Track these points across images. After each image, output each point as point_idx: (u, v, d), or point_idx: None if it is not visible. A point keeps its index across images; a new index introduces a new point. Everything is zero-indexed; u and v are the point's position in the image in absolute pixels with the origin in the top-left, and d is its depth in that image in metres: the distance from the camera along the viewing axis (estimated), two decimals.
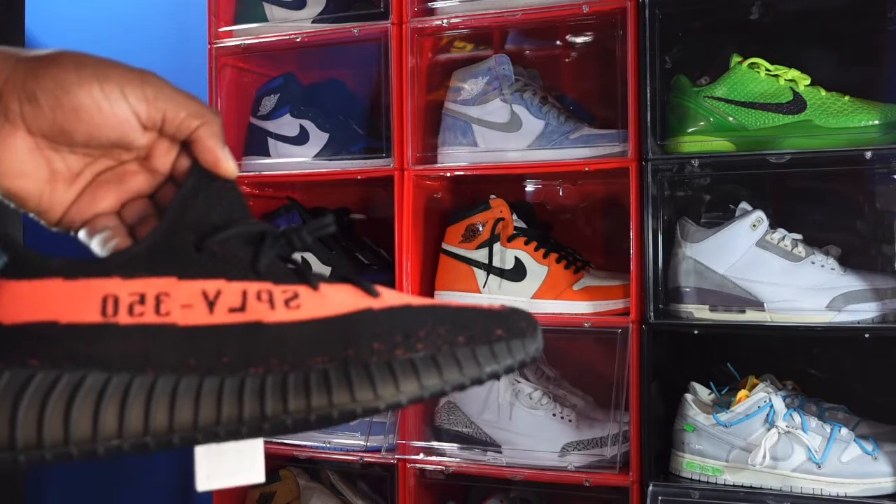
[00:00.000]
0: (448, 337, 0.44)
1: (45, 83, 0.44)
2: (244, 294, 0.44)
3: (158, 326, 0.42)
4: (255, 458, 0.46)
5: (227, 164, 0.48)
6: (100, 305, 0.42)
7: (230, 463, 0.45)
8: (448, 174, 1.51)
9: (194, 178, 0.47)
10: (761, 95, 1.31)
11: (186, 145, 0.48)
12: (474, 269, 1.48)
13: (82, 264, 0.43)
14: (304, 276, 0.46)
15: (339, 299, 0.45)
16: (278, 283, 0.45)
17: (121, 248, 0.46)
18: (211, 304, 0.43)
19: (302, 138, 1.62)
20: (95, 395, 0.40)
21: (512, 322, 0.45)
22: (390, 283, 1.49)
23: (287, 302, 0.44)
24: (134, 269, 0.43)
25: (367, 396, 0.42)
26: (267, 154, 1.63)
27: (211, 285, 0.44)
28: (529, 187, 1.69)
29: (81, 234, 0.49)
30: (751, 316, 1.30)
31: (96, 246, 0.48)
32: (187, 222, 0.45)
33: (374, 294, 0.46)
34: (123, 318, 0.42)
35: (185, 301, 0.43)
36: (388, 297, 0.46)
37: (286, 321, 0.43)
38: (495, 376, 0.44)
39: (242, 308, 0.43)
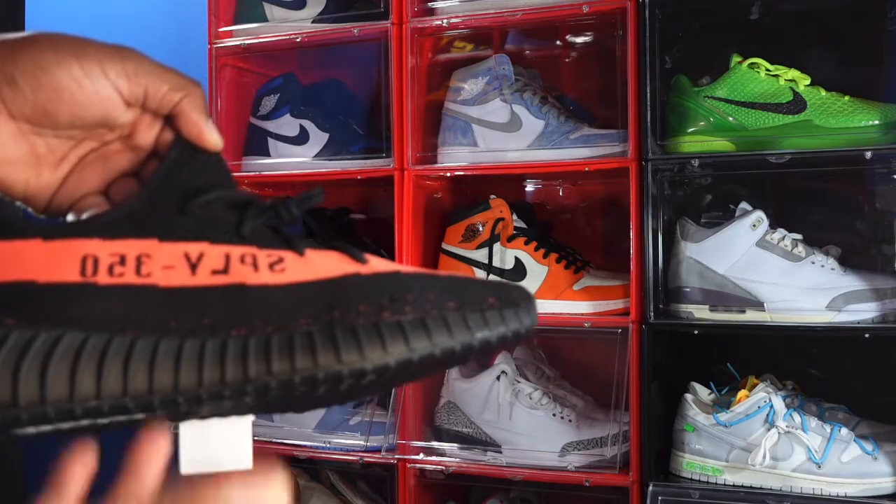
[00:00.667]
0: (438, 302, 0.42)
1: (23, 65, 0.43)
2: (227, 257, 0.43)
3: (139, 287, 0.41)
4: (243, 444, 0.45)
5: (212, 136, 0.47)
6: (79, 265, 0.41)
7: (216, 448, 0.44)
8: (448, 174, 1.51)
9: (178, 150, 0.46)
10: (761, 95, 1.31)
11: (170, 119, 0.47)
12: (474, 269, 1.48)
13: (62, 226, 0.43)
14: (289, 241, 0.45)
15: (325, 264, 0.44)
16: (263, 248, 0.44)
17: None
18: (193, 266, 0.42)
19: (302, 138, 1.62)
20: (72, 355, 0.40)
21: (505, 292, 0.44)
22: None
23: (272, 266, 0.43)
24: (115, 230, 0.42)
25: (352, 358, 0.41)
26: (267, 154, 1.63)
27: (193, 247, 0.43)
28: (529, 187, 1.69)
29: (69, 218, 0.48)
30: (751, 316, 1.30)
31: None
32: (171, 187, 0.44)
33: (362, 260, 0.45)
34: (103, 279, 0.41)
35: (166, 262, 0.42)
36: (376, 264, 0.45)
37: (270, 283, 0.43)
38: (487, 344, 0.43)
39: (225, 270, 0.42)
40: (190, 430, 0.43)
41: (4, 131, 0.44)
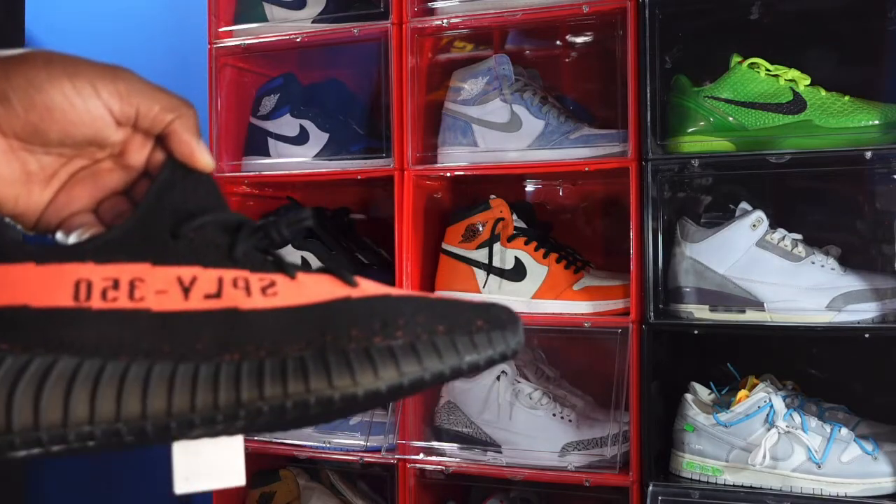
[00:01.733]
0: (427, 326, 0.43)
1: (16, 82, 0.43)
2: (220, 281, 0.43)
3: (132, 312, 0.42)
4: (235, 460, 0.45)
5: (203, 157, 0.47)
6: (72, 290, 0.41)
7: (209, 464, 0.44)
8: (448, 174, 1.51)
9: (169, 170, 0.46)
10: (761, 95, 1.31)
11: (161, 139, 0.47)
12: (474, 269, 1.48)
13: (55, 249, 0.43)
14: (281, 265, 0.45)
15: (316, 288, 0.45)
16: (255, 272, 0.44)
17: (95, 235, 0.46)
18: (186, 290, 0.43)
19: (302, 138, 1.62)
20: (66, 380, 0.40)
21: (492, 314, 0.45)
22: (390, 283, 1.48)
23: (264, 290, 0.44)
24: (108, 254, 0.43)
25: (344, 382, 0.41)
26: (267, 154, 1.63)
27: (186, 272, 0.43)
28: (529, 187, 1.69)
29: (59, 236, 0.48)
30: (751, 316, 1.30)
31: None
32: (163, 209, 0.45)
33: (353, 284, 0.46)
34: (96, 303, 0.41)
35: (159, 287, 0.42)
36: (367, 287, 0.46)
37: (262, 308, 0.43)
38: (475, 367, 0.43)
39: (218, 294, 0.43)
40: (182, 449, 0.44)
41: None
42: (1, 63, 0.43)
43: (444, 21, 1.46)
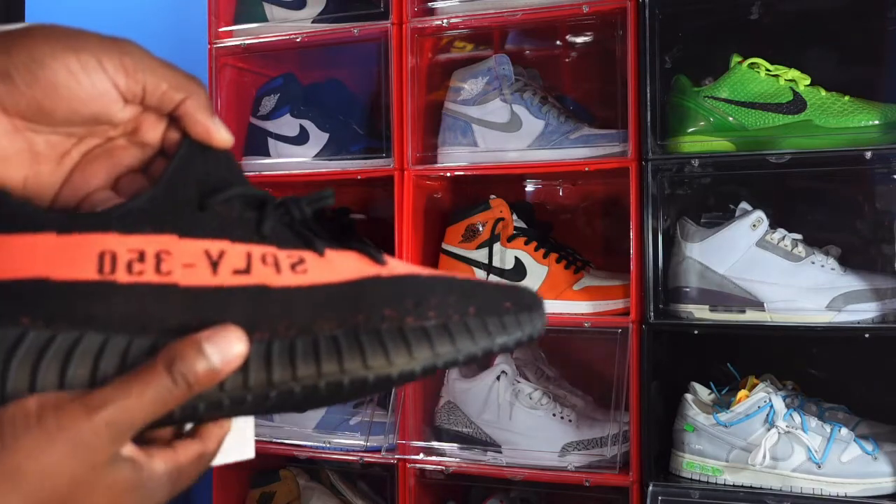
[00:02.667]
0: (458, 307, 0.42)
1: (18, 58, 0.41)
2: (249, 256, 0.42)
3: (159, 286, 0.40)
4: (247, 436, 0.45)
5: (220, 134, 0.46)
6: (97, 262, 0.39)
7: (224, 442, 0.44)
8: (448, 174, 1.51)
9: (187, 147, 0.45)
10: (761, 95, 1.31)
11: (174, 119, 0.46)
12: (474, 269, 1.48)
13: (77, 218, 0.41)
14: (308, 241, 0.44)
15: (345, 266, 0.43)
16: (283, 248, 0.43)
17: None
18: (214, 265, 0.41)
19: (302, 138, 1.62)
20: (92, 358, 0.38)
21: (519, 296, 0.44)
22: None
23: (293, 266, 0.42)
24: (132, 224, 0.41)
25: (379, 363, 0.40)
26: (267, 154, 1.63)
27: (214, 245, 0.41)
28: (529, 187, 1.69)
29: None
30: (751, 316, 1.30)
31: None
32: (187, 182, 0.43)
33: (381, 261, 0.45)
34: (122, 277, 0.39)
35: (186, 260, 0.41)
36: (395, 266, 0.45)
37: (293, 286, 0.42)
38: (506, 348, 0.43)
39: (247, 270, 0.41)
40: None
41: None
42: (2, 38, 0.41)
43: (444, 21, 1.46)
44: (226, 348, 0.39)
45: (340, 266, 0.43)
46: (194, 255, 0.41)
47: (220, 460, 0.44)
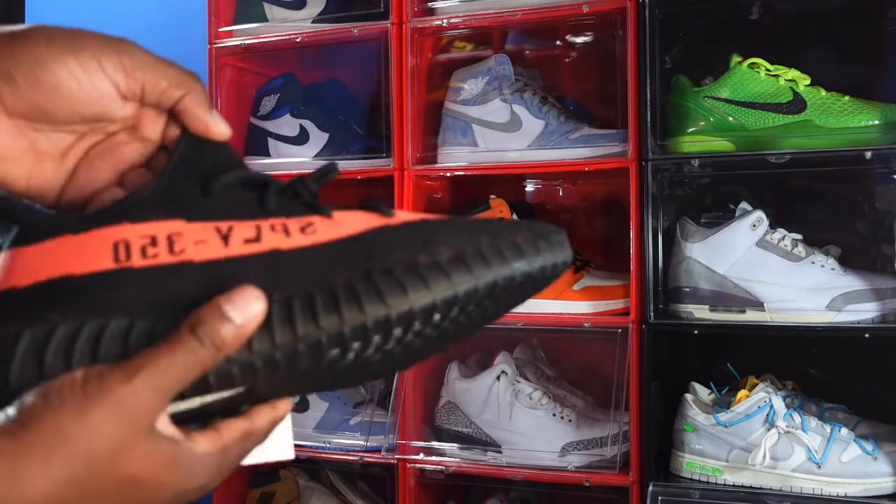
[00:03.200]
0: (470, 240, 0.43)
1: (20, 59, 0.42)
2: (258, 227, 0.43)
3: (175, 265, 0.41)
4: (285, 436, 0.46)
5: (219, 128, 0.47)
6: (112, 252, 0.41)
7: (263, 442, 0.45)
8: (448, 174, 1.51)
9: (187, 140, 0.46)
10: (761, 95, 1.31)
11: (173, 115, 0.47)
12: None
13: (89, 216, 0.43)
14: (316, 208, 0.45)
15: (354, 221, 0.44)
16: (291, 216, 0.44)
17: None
18: (225, 238, 0.42)
19: (302, 138, 1.62)
20: (121, 340, 0.40)
21: (533, 226, 0.44)
22: None
23: (302, 230, 0.43)
24: (141, 213, 0.42)
25: (397, 301, 0.40)
26: (267, 154, 1.63)
27: (222, 224, 0.43)
28: (529, 187, 1.69)
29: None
30: (751, 316, 1.30)
31: None
32: (189, 171, 0.44)
33: (390, 214, 0.45)
34: (137, 261, 0.41)
35: (197, 238, 0.42)
36: (404, 216, 0.45)
37: (304, 245, 0.42)
38: (528, 277, 0.43)
39: (258, 239, 0.42)
40: None
41: (2, 128, 0.43)
42: (4, 40, 0.42)
43: (444, 21, 1.46)
44: (245, 307, 0.40)
45: (349, 222, 0.44)
46: (204, 232, 0.42)
47: (261, 458, 0.45)
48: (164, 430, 0.40)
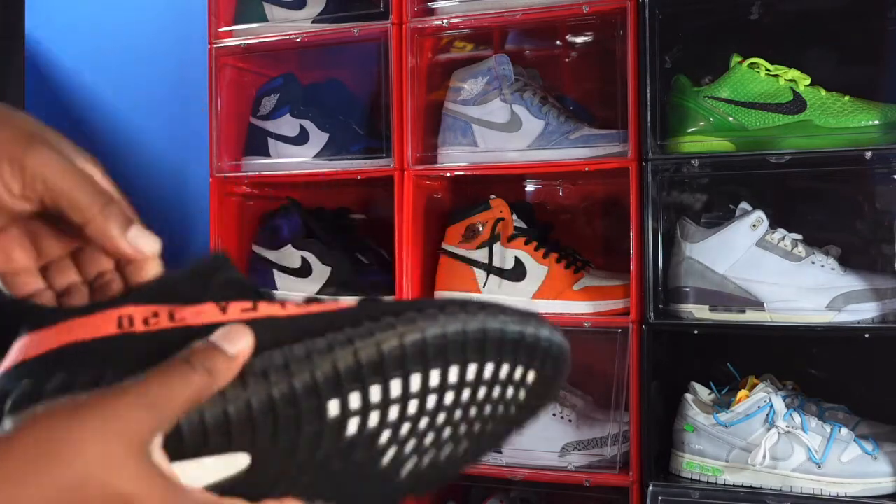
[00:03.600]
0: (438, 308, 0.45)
1: None
2: (255, 302, 0.45)
3: (173, 329, 0.43)
4: None
5: (143, 247, 0.45)
6: (116, 322, 0.43)
7: None
8: (448, 174, 1.51)
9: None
10: (761, 95, 1.31)
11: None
12: (474, 269, 1.48)
13: (97, 303, 0.45)
14: (310, 300, 0.47)
15: (345, 301, 0.47)
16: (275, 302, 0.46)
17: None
18: (223, 308, 0.44)
19: (302, 138, 1.62)
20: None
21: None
22: (390, 283, 1.49)
23: (298, 305, 0.45)
24: (143, 299, 0.45)
25: (409, 328, 0.43)
26: (267, 154, 1.63)
27: (221, 302, 0.45)
28: (529, 187, 1.69)
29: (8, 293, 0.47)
30: (751, 316, 1.30)
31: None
32: (176, 280, 0.46)
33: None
34: (140, 328, 0.43)
35: (197, 310, 0.44)
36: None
37: (300, 314, 0.44)
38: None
39: (254, 308, 0.44)
40: None
41: None
42: None
43: (444, 21, 1.46)
44: (234, 339, 0.41)
45: (342, 303, 0.46)
46: (204, 307, 0.44)
47: None
48: (160, 463, 0.40)
